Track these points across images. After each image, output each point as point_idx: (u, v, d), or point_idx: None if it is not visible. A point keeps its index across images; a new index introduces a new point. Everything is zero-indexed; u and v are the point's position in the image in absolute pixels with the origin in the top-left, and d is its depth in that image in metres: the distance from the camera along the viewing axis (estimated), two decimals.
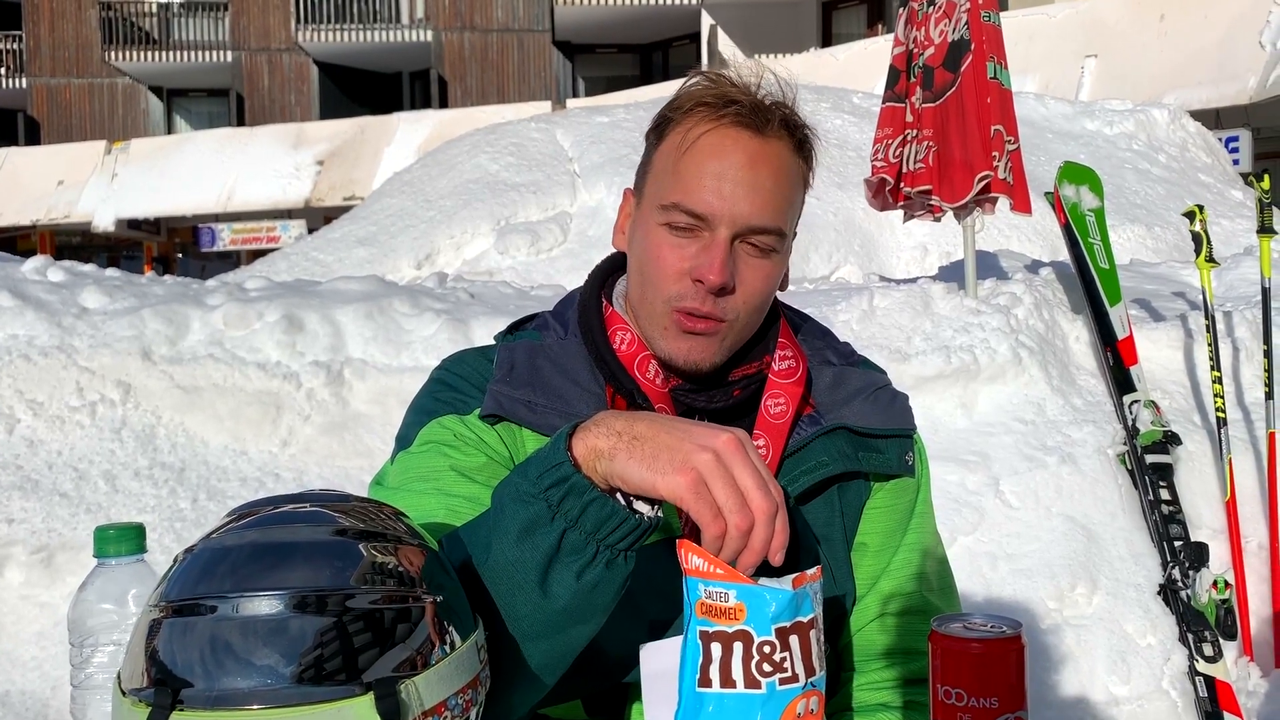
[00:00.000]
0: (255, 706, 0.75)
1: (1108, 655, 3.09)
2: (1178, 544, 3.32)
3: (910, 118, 4.12)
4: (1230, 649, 3.21)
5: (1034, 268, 4.77)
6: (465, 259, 7.89)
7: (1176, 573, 3.26)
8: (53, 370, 3.46)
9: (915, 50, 4.15)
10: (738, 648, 0.86)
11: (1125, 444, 3.59)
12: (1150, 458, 3.49)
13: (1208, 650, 3.11)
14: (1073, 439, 3.57)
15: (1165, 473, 3.48)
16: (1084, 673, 3.06)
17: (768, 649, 0.86)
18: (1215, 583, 3.21)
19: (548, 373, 1.18)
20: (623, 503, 0.89)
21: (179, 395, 3.50)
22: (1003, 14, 4.23)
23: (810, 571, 0.90)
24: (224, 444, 3.45)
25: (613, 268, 1.26)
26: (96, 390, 3.47)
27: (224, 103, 25.09)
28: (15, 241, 19.66)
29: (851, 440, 1.20)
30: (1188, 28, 12.54)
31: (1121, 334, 3.78)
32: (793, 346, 1.22)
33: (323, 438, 3.50)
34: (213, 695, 0.75)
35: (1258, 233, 3.82)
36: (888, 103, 4.28)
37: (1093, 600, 3.21)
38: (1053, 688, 3.03)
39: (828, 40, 19.75)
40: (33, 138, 24.16)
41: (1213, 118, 11.74)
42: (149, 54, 24.49)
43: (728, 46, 19.66)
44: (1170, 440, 3.53)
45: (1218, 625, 3.18)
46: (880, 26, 19.39)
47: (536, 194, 8.32)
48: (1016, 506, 3.38)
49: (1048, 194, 4.23)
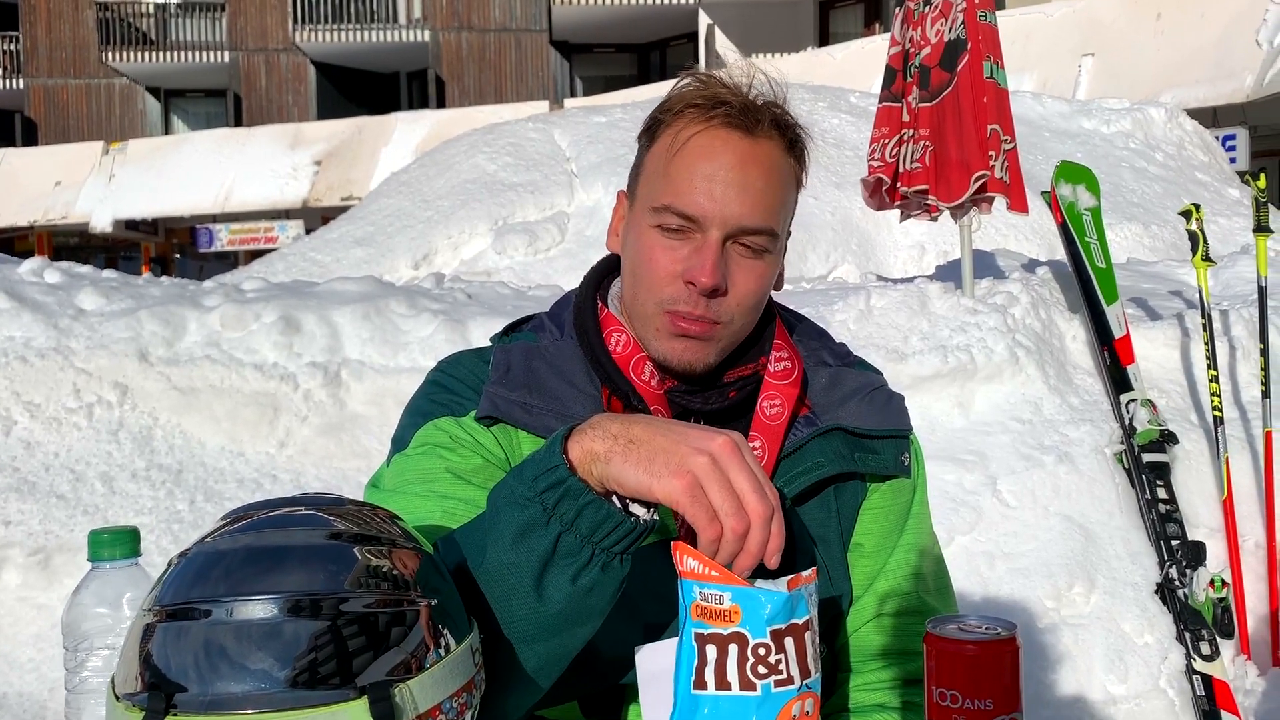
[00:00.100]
0: (249, 711, 0.75)
1: (1105, 654, 3.10)
2: (1175, 543, 3.32)
3: (907, 117, 4.12)
4: (1227, 648, 3.21)
5: (1031, 267, 4.77)
6: (463, 259, 7.88)
7: (1174, 571, 3.26)
8: (49, 372, 3.46)
9: (911, 50, 4.15)
10: (733, 650, 0.86)
11: (1122, 443, 3.59)
12: (1147, 457, 3.49)
13: (1205, 649, 3.11)
14: (1070, 438, 3.57)
15: (1162, 471, 3.48)
16: (1081, 672, 3.06)
17: (763, 651, 0.86)
18: (1212, 581, 3.21)
19: (544, 374, 1.18)
20: (618, 506, 0.89)
21: (176, 397, 3.50)
22: (1000, 13, 4.23)
23: (805, 573, 0.90)
24: (221, 445, 3.45)
25: (608, 269, 1.26)
26: (93, 392, 3.46)
27: (221, 103, 25.07)
28: (13, 242, 19.64)
29: (847, 441, 1.20)
30: (1185, 26, 12.54)
31: (1118, 333, 3.79)
32: (788, 347, 1.22)
33: (320, 439, 3.50)
34: (207, 700, 0.75)
35: (1254, 231, 3.82)
36: (884, 102, 4.28)
37: (1090, 599, 3.21)
38: (1050, 687, 3.04)
39: (825, 39, 19.75)
40: (30, 138, 24.14)
41: (1210, 116, 11.74)
42: (146, 54, 24.47)
43: (725, 46, 19.67)
44: (1167, 439, 3.53)
45: (1215, 624, 3.18)
46: (877, 26, 19.39)
47: (534, 194, 8.31)
48: (1014, 506, 3.38)
49: (1044, 193, 4.23)
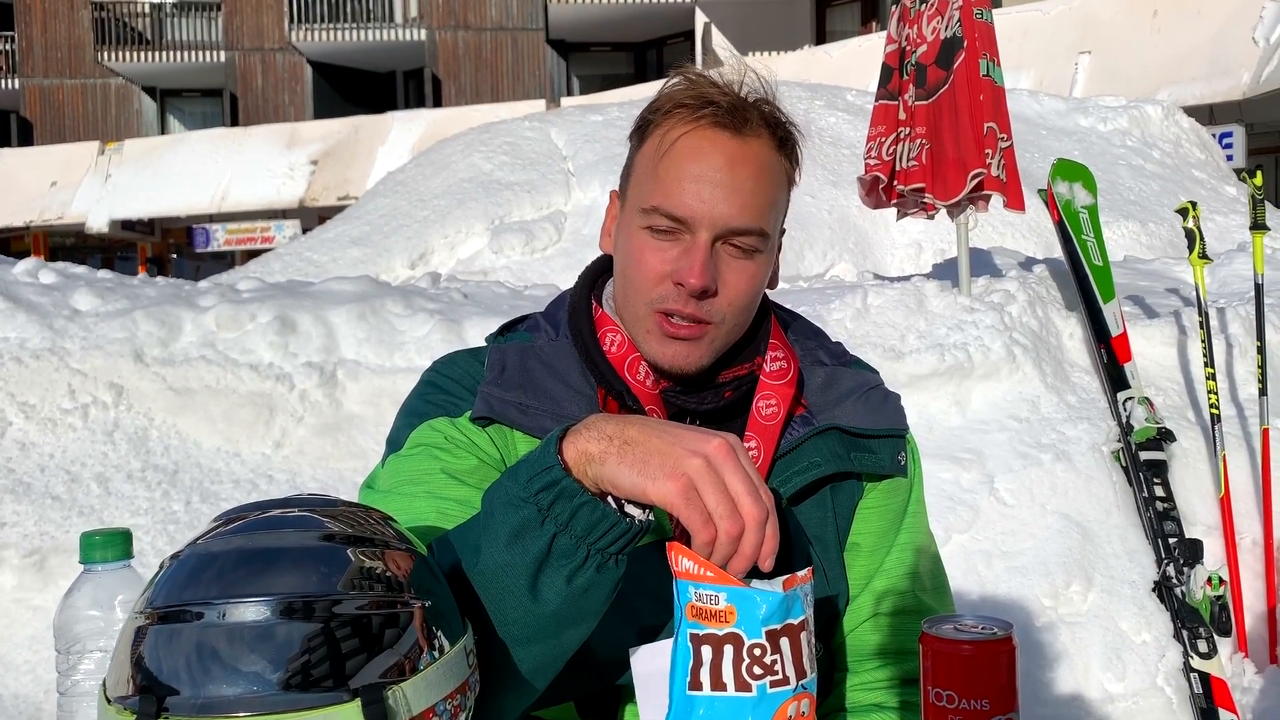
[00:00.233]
0: (241, 714, 0.74)
1: (1103, 652, 3.10)
2: (1172, 541, 3.32)
3: (903, 115, 4.12)
4: (1225, 645, 3.21)
5: (1028, 265, 4.76)
6: (459, 258, 7.88)
7: (1171, 569, 3.26)
8: (44, 373, 3.45)
9: (908, 48, 4.15)
10: (728, 650, 0.86)
11: (1119, 441, 3.59)
12: (1144, 454, 3.49)
13: (1202, 647, 3.11)
14: (1067, 436, 3.57)
15: (1159, 469, 3.48)
16: (1079, 670, 3.06)
17: (758, 651, 0.86)
18: (1210, 579, 3.21)
19: (539, 374, 1.17)
20: (614, 506, 0.89)
21: (171, 397, 3.49)
22: (996, 10, 4.23)
23: (801, 573, 0.90)
24: (217, 446, 3.44)
25: (602, 269, 1.26)
26: (89, 392, 3.46)
27: (217, 103, 25.05)
28: (9, 243, 19.61)
29: (844, 441, 1.20)
30: (1181, 24, 12.55)
31: (1115, 331, 3.79)
32: (784, 347, 1.22)
33: (316, 439, 3.49)
34: (198, 703, 0.75)
35: (1251, 228, 3.81)
36: (881, 100, 4.28)
37: (1088, 597, 3.21)
38: (1048, 685, 3.03)
39: (822, 38, 19.75)
40: (25, 139, 24.11)
41: (1206, 114, 11.75)
42: (142, 54, 24.45)
43: (722, 44, 19.66)
44: (1164, 437, 3.53)
45: (1212, 622, 3.18)
46: (874, 24, 19.40)
47: (531, 193, 8.31)
48: (1011, 504, 3.38)
49: (1041, 191, 4.23)
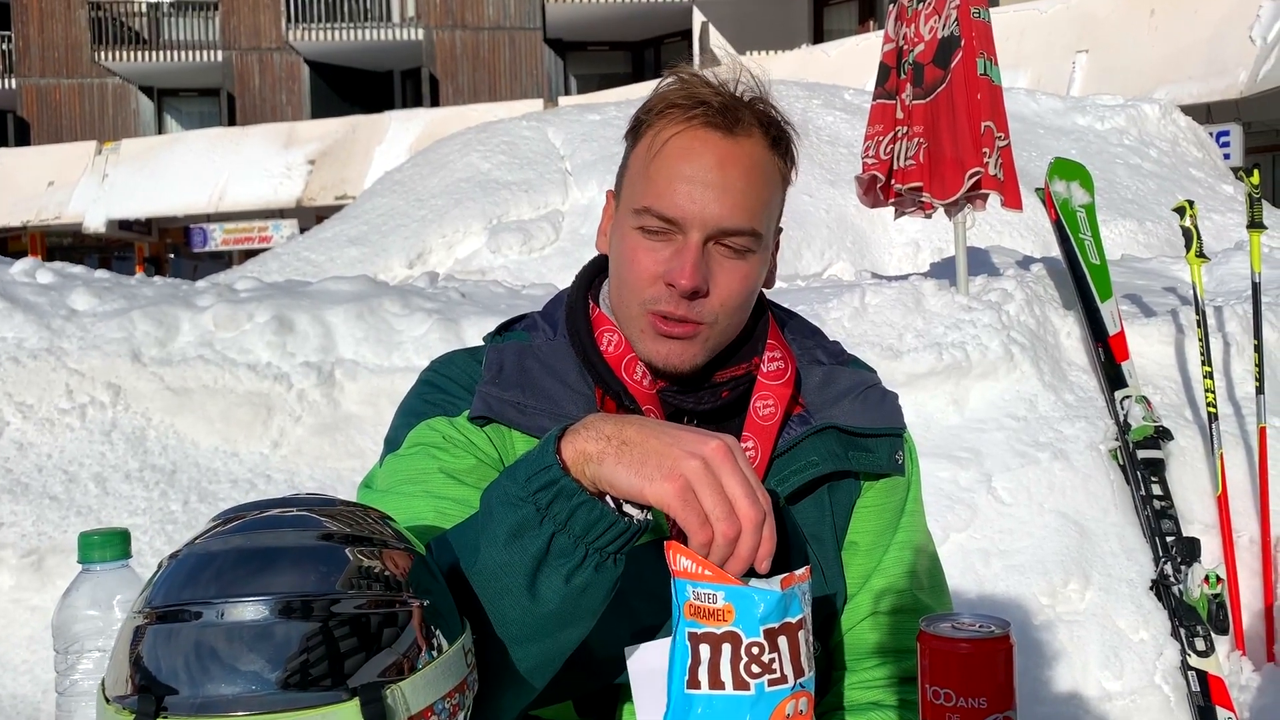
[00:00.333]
0: (240, 713, 0.74)
1: (1100, 651, 3.10)
2: (1169, 539, 3.33)
3: (901, 114, 4.12)
4: (1222, 643, 3.22)
5: (1025, 264, 4.77)
6: (457, 258, 7.88)
7: (1168, 568, 3.26)
8: (42, 373, 3.45)
9: (905, 47, 4.15)
10: (726, 649, 0.86)
11: (1117, 439, 3.59)
12: (1142, 453, 3.49)
13: (1200, 645, 3.11)
14: (1064, 435, 3.58)
15: (1157, 468, 3.49)
16: (1077, 668, 3.07)
17: (756, 650, 0.86)
18: (1207, 577, 3.22)
19: (536, 374, 1.17)
20: (612, 506, 0.89)
21: (169, 397, 3.49)
22: (994, 9, 4.23)
23: (799, 572, 0.90)
24: (215, 446, 3.44)
25: (598, 269, 1.26)
26: (86, 392, 3.45)
27: (215, 102, 25.02)
28: (6, 243, 19.61)
29: (841, 440, 1.20)
30: (1178, 22, 12.56)
31: (1113, 329, 3.79)
32: (781, 347, 1.22)
33: (314, 439, 3.49)
34: (197, 702, 0.75)
35: (1248, 227, 3.82)
36: (878, 99, 4.29)
37: (1085, 596, 3.22)
38: (1046, 683, 3.04)
39: (819, 37, 19.76)
40: (22, 138, 24.08)
41: (1204, 112, 11.77)
42: (139, 54, 24.42)
43: (719, 44, 19.66)
44: (1162, 435, 3.53)
45: (1210, 620, 3.19)
46: (871, 23, 19.40)
47: (528, 192, 8.31)
48: (1009, 503, 3.38)
49: (1038, 190, 4.23)
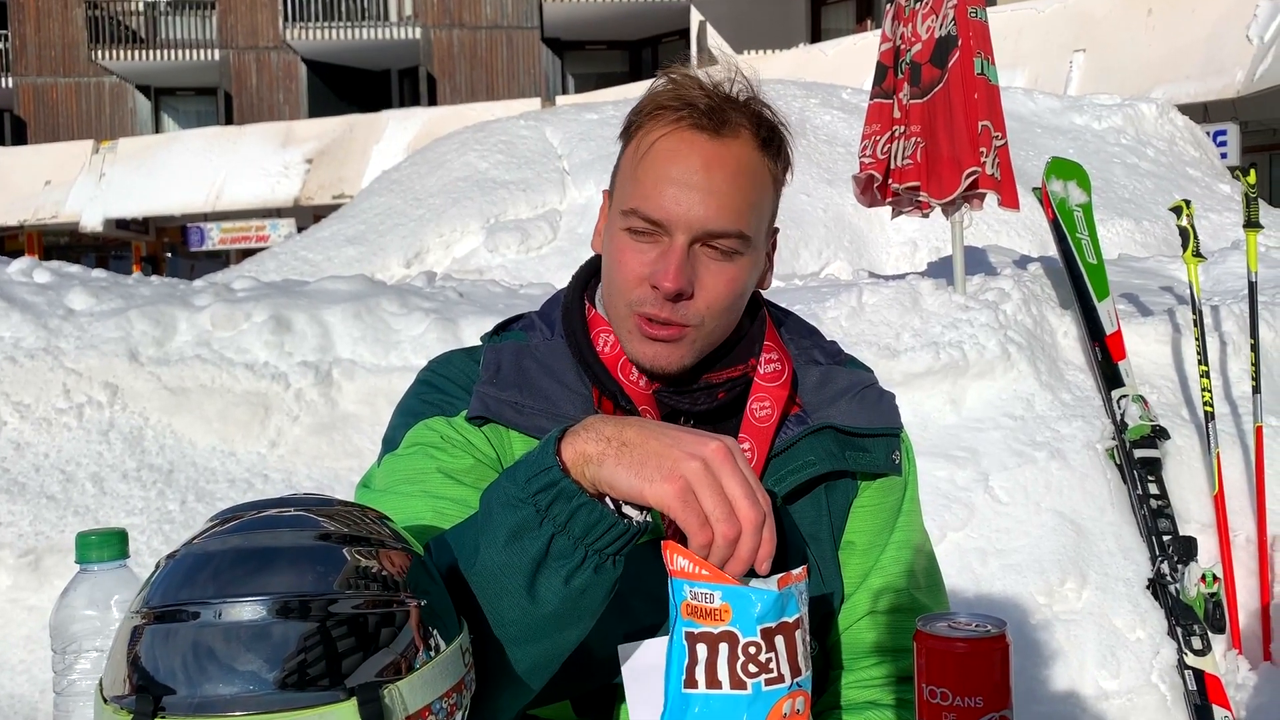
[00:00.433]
0: (238, 713, 0.75)
1: (1097, 650, 3.10)
2: (1166, 538, 3.33)
3: (898, 114, 4.12)
4: (1219, 642, 3.22)
5: (1022, 263, 4.77)
6: (455, 257, 7.87)
7: (1165, 567, 3.27)
8: (39, 372, 3.45)
9: (902, 46, 4.15)
10: (723, 649, 0.86)
11: (1114, 439, 3.59)
12: (1139, 452, 3.50)
13: (1196, 644, 3.12)
14: (1061, 434, 3.58)
15: (1154, 467, 3.49)
16: (1074, 667, 3.07)
17: (753, 650, 0.86)
18: (1204, 576, 3.22)
19: (534, 374, 1.17)
20: (611, 508, 0.89)
21: (166, 396, 3.49)
22: (991, 9, 4.23)
23: (796, 571, 0.90)
24: (212, 445, 3.44)
25: (594, 269, 1.26)
26: (83, 392, 3.45)
27: (212, 101, 24.99)
28: (3, 242, 19.60)
29: (838, 439, 1.20)
30: (1175, 22, 12.57)
31: (1109, 329, 3.79)
32: (778, 348, 1.22)
33: (311, 438, 3.49)
34: (195, 702, 0.75)
35: (1245, 226, 3.82)
36: (875, 99, 4.28)
37: (1082, 595, 3.22)
38: (1043, 682, 3.04)
39: (817, 36, 19.75)
40: (19, 137, 24.05)
41: (1200, 112, 11.78)
42: (136, 53, 24.39)
43: (717, 43, 19.65)
44: (1158, 435, 3.54)
45: (1206, 619, 3.19)
46: (869, 22, 19.39)
47: (526, 191, 8.30)
48: (1006, 502, 3.39)
49: (1036, 189, 4.24)
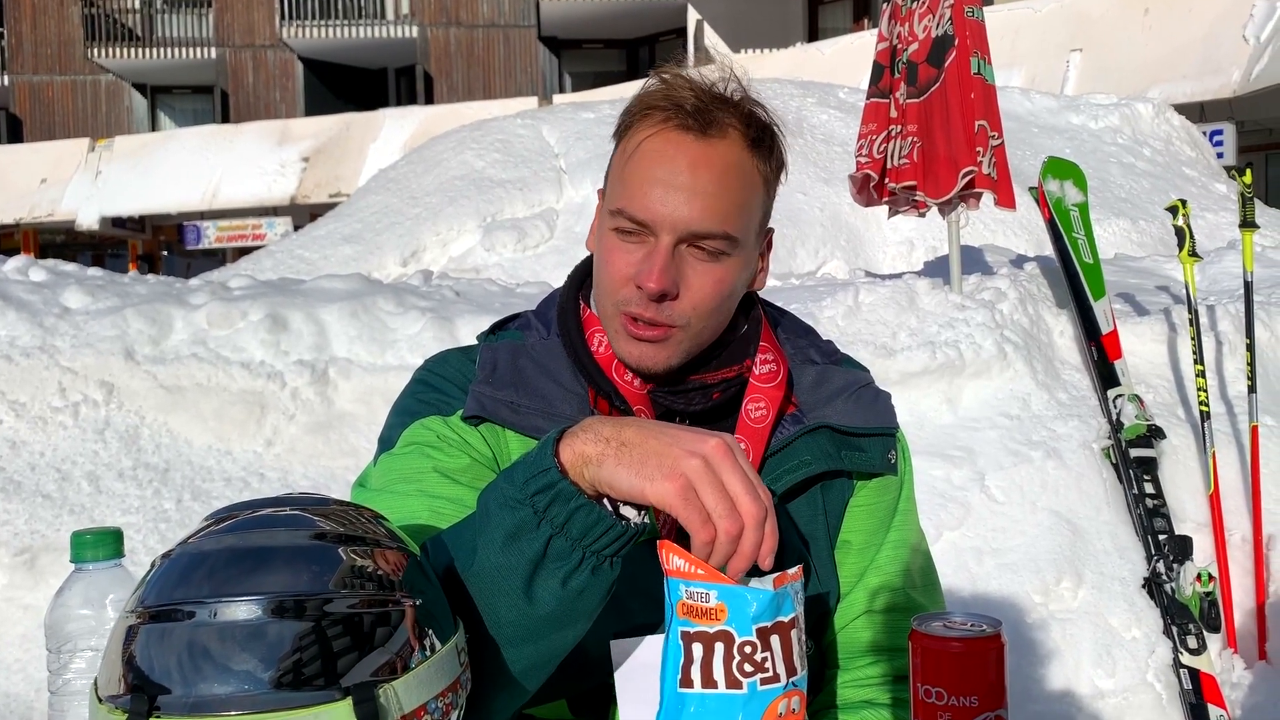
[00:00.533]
0: (233, 713, 0.74)
1: (1093, 649, 3.11)
2: (1162, 537, 3.34)
3: (894, 113, 4.12)
4: (1214, 641, 3.23)
5: (1019, 263, 4.78)
6: (451, 256, 7.87)
7: (1161, 566, 3.27)
8: (35, 371, 3.44)
9: (899, 46, 4.15)
10: (719, 648, 0.87)
11: (1110, 438, 3.60)
12: (1134, 452, 3.50)
13: (1192, 643, 3.12)
14: (1057, 433, 3.58)
15: (1149, 466, 3.50)
16: (1069, 666, 3.08)
17: (749, 649, 0.86)
18: (1199, 576, 3.23)
19: (530, 373, 1.17)
20: (609, 509, 0.89)
21: (162, 395, 3.48)
22: (988, 8, 4.24)
23: (791, 571, 0.90)
24: (208, 444, 3.43)
25: (590, 268, 1.26)
26: (79, 391, 3.45)
27: (208, 100, 24.95)
28: None
29: (834, 439, 1.20)
30: (1172, 22, 12.59)
31: (1106, 328, 3.80)
32: (774, 349, 1.22)
33: (307, 437, 3.49)
34: (190, 701, 0.75)
35: (1240, 226, 3.82)
36: (872, 98, 4.28)
37: (1078, 594, 3.22)
38: (1038, 681, 3.05)
39: (814, 35, 19.75)
40: (15, 135, 23.99)
41: (1197, 111, 11.79)
42: (132, 51, 24.34)
43: (714, 42, 19.65)
44: (1154, 434, 3.54)
45: (1202, 618, 3.19)
46: (866, 21, 19.40)
47: (523, 190, 8.30)
48: (1002, 501, 3.39)
49: (1032, 189, 4.24)
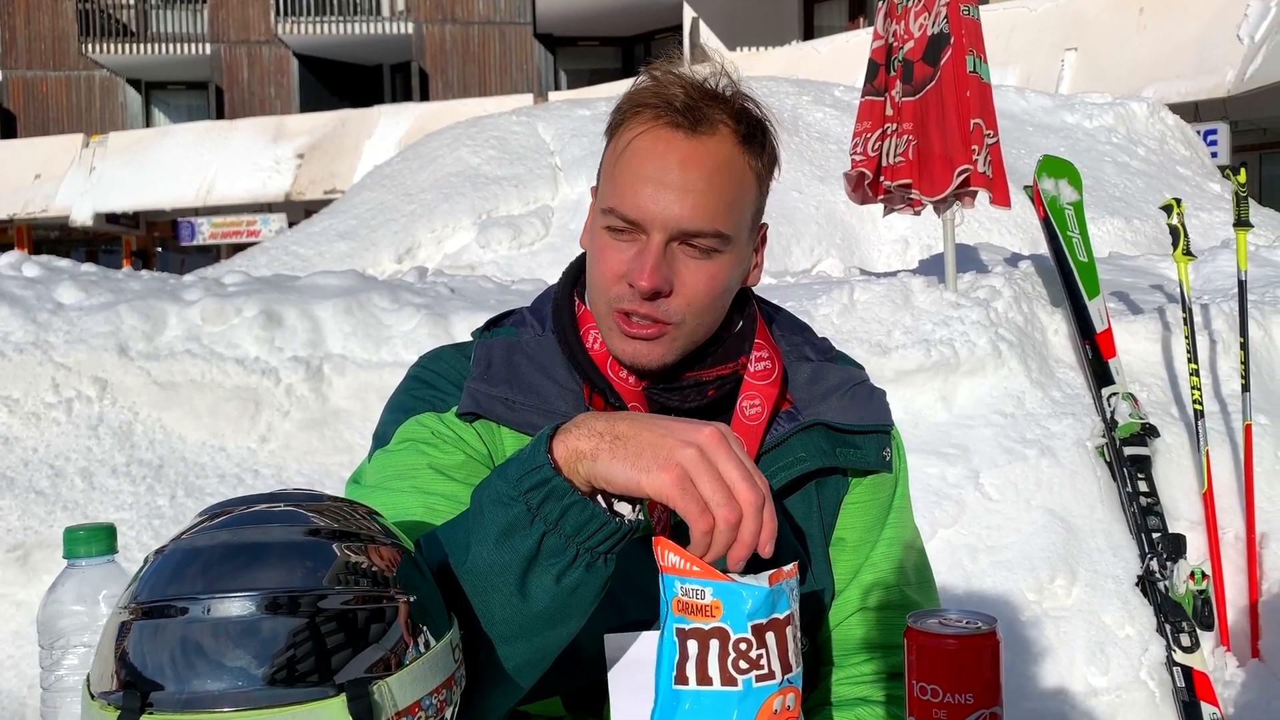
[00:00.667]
0: (226, 709, 0.74)
1: (1086, 646, 3.11)
2: (1156, 535, 3.34)
3: (890, 111, 4.12)
4: (1207, 639, 3.23)
5: (1013, 261, 4.78)
6: (446, 253, 7.86)
7: (1154, 564, 3.28)
8: (28, 366, 3.43)
9: (895, 44, 4.16)
10: (714, 645, 0.86)
11: (1104, 436, 3.60)
12: (1129, 450, 3.51)
13: (1185, 641, 3.13)
14: (1052, 432, 3.59)
15: (1143, 465, 3.50)
16: (1063, 664, 3.08)
17: (744, 646, 0.86)
18: (1193, 574, 3.23)
19: (525, 370, 1.17)
20: (604, 506, 0.89)
21: (156, 391, 3.47)
22: (983, 7, 4.24)
23: (787, 568, 0.90)
24: (202, 440, 3.43)
25: (583, 266, 1.26)
26: (73, 387, 3.44)
27: (203, 96, 24.89)
28: None
29: (829, 436, 1.20)
30: (1167, 21, 12.61)
31: (1100, 327, 3.80)
32: (769, 346, 1.22)
33: (302, 434, 3.48)
34: (183, 698, 0.75)
35: (1234, 226, 3.83)
36: (867, 96, 4.29)
37: (1072, 592, 3.23)
38: (1032, 679, 3.05)
39: (810, 33, 19.74)
40: (9, 131, 23.91)
41: (1191, 111, 11.81)
42: (127, 46, 24.27)
43: (710, 39, 19.64)
44: (1148, 432, 3.55)
45: (1195, 616, 3.20)
46: (862, 20, 19.40)
47: (518, 187, 8.29)
48: (996, 499, 3.39)
49: (1027, 187, 4.24)
